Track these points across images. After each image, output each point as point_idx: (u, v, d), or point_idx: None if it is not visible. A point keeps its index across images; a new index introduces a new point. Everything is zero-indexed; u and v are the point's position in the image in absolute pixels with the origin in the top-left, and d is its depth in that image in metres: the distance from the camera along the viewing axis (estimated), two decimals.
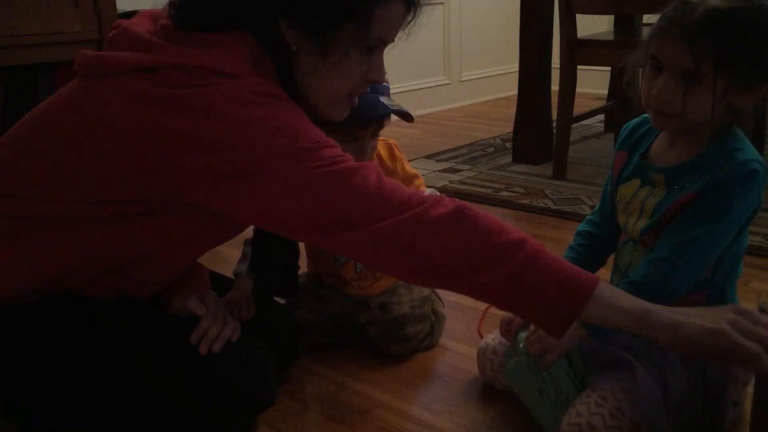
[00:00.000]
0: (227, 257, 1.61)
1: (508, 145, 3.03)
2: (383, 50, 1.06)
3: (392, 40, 1.05)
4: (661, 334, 0.89)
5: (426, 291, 1.47)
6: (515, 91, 2.88)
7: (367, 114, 1.23)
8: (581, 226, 1.26)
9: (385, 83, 1.25)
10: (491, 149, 3.12)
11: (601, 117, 3.31)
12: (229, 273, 1.39)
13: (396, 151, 1.46)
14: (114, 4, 1.99)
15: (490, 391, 1.29)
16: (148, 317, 1.15)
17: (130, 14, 2.04)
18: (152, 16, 1.04)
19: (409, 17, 1.04)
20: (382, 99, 1.25)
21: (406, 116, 1.30)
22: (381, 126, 1.31)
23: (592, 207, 2.25)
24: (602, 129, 3.32)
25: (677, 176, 1.05)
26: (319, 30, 0.98)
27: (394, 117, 1.31)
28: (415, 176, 1.48)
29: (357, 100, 1.09)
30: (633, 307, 0.90)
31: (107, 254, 1.04)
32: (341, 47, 0.99)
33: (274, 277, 1.28)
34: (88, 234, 1.01)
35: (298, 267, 1.30)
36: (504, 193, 2.47)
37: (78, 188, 0.99)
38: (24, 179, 1.01)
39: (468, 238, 0.90)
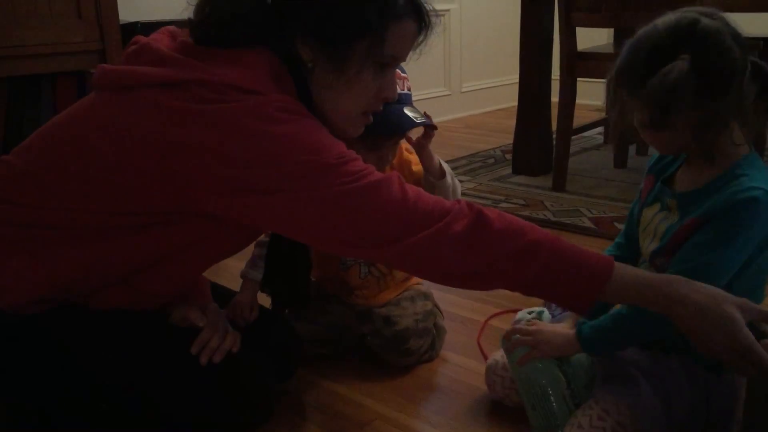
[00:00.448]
0: (229, 268, 1.61)
1: (508, 156, 3.04)
2: (395, 68, 1.08)
3: (404, 59, 1.08)
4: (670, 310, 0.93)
5: (429, 305, 1.47)
6: (515, 103, 2.90)
7: (395, 129, 1.26)
8: (607, 251, 1.25)
9: (407, 91, 1.26)
10: (491, 160, 3.13)
11: (601, 129, 3.31)
12: (230, 284, 1.39)
13: (405, 154, 1.45)
14: (117, 15, 2.00)
15: (491, 403, 1.28)
16: (149, 326, 1.15)
17: (132, 25, 2.07)
18: (171, 33, 1.06)
19: (420, 38, 1.07)
20: (407, 110, 1.27)
21: (430, 127, 1.32)
22: (403, 136, 1.33)
23: (591, 219, 2.26)
24: (602, 141, 3.33)
25: (689, 202, 1.05)
26: (333, 47, 1.00)
27: None
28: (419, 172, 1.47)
29: (372, 118, 1.10)
30: (641, 298, 0.95)
31: (117, 261, 1.05)
32: (355, 64, 1.01)
33: (287, 291, 1.29)
34: (101, 243, 1.02)
35: (311, 280, 1.31)
36: (503, 205, 2.47)
37: (99, 200, 0.99)
38: (42, 189, 1.01)
39: (491, 246, 0.95)
